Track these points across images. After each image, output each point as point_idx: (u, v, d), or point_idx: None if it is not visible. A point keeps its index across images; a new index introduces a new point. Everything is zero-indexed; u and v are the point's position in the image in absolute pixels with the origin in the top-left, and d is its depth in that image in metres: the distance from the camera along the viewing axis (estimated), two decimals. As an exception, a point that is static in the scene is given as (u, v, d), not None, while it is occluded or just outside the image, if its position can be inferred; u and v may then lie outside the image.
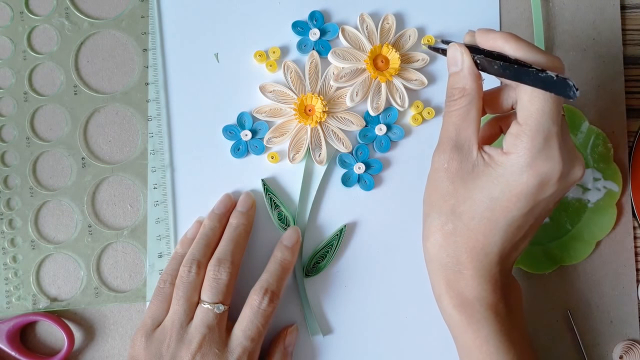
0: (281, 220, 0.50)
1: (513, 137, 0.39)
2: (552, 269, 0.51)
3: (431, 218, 0.42)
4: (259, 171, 0.50)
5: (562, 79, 0.36)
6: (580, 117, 0.51)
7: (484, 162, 0.40)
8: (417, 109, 0.51)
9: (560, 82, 0.37)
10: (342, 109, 0.50)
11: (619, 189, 0.51)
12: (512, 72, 0.38)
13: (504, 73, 0.39)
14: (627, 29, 0.53)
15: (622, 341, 0.50)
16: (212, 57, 0.51)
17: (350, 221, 0.50)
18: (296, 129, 0.50)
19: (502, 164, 0.39)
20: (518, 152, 0.38)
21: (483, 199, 0.40)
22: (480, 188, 0.40)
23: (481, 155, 0.40)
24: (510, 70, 0.38)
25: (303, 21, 0.51)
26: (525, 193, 0.39)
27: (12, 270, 0.49)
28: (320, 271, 0.50)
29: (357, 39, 0.51)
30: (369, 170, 0.50)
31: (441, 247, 0.41)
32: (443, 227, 0.41)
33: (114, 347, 0.49)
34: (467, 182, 0.40)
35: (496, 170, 0.39)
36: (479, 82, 0.41)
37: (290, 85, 0.50)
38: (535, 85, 0.37)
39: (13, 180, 0.50)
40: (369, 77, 0.50)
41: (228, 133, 0.50)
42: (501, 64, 0.39)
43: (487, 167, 0.40)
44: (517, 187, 0.39)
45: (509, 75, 0.38)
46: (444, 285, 0.41)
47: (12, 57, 0.50)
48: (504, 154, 0.39)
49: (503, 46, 0.39)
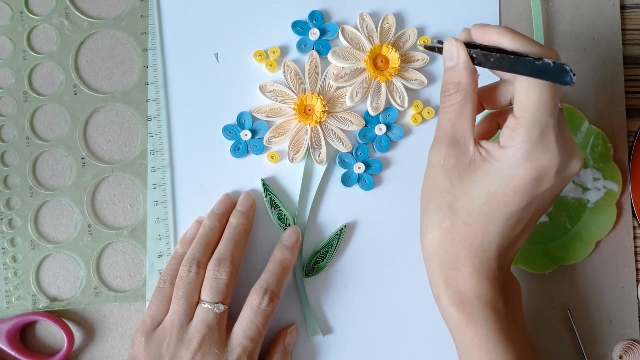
0: (281, 220, 0.50)
1: (510, 130, 0.39)
2: (552, 269, 0.51)
3: (428, 215, 0.42)
4: (259, 171, 0.50)
5: (560, 65, 0.36)
6: (581, 117, 0.51)
7: (481, 157, 0.40)
8: (417, 109, 0.51)
9: (558, 68, 0.37)
10: (342, 109, 0.50)
11: (619, 189, 0.51)
12: (508, 64, 0.38)
13: (500, 65, 0.39)
14: (627, 29, 0.53)
15: (622, 341, 0.50)
16: (212, 57, 0.51)
17: (350, 221, 0.50)
18: (296, 129, 0.50)
19: (499, 159, 0.39)
20: (515, 145, 0.38)
21: (480, 194, 0.39)
22: (477, 183, 0.40)
23: (478, 151, 0.40)
24: (507, 62, 0.38)
25: (303, 21, 0.51)
26: (523, 187, 0.39)
27: (12, 270, 0.49)
28: (320, 271, 0.50)
29: (357, 39, 0.51)
30: (369, 170, 0.50)
31: (439, 244, 0.41)
32: (441, 224, 0.41)
33: (114, 347, 0.49)
34: (464, 178, 0.40)
35: (493, 164, 0.39)
36: (475, 77, 0.41)
37: (290, 85, 0.50)
38: (532, 74, 0.37)
39: (13, 180, 0.50)
40: (369, 77, 0.50)
41: (228, 133, 0.50)
42: (498, 56, 0.38)
43: (484, 162, 0.40)
44: (515, 181, 0.39)
45: (506, 66, 0.38)
46: (443, 283, 0.41)
47: (12, 57, 0.50)
48: (501, 148, 0.39)
49: (499, 40, 0.39)
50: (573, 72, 0.36)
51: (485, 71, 0.42)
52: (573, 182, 0.51)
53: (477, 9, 0.52)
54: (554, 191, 0.40)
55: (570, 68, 0.36)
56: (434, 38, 0.52)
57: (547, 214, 0.51)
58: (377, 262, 0.50)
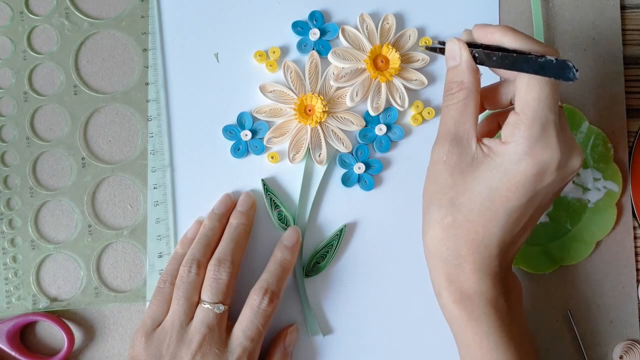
0: (281, 220, 0.50)
1: (511, 126, 0.39)
2: (552, 269, 0.51)
3: (430, 211, 0.42)
4: (259, 171, 0.50)
5: (562, 61, 0.37)
6: (581, 117, 0.51)
7: (482, 153, 0.40)
8: (417, 109, 0.51)
9: (560, 64, 0.37)
10: (342, 108, 0.50)
11: (619, 189, 0.51)
12: (510, 61, 0.38)
13: (502, 63, 0.39)
14: (627, 29, 0.53)
15: (622, 341, 0.50)
16: (212, 57, 0.51)
17: (350, 221, 0.50)
18: (296, 129, 0.50)
19: (500, 154, 0.39)
20: (516, 140, 0.38)
21: (482, 190, 0.40)
22: (479, 179, 0.40)
23: (480, 147, 0.40)
24: (509, 60, 0.38)
25: (303, 21, 0.51)
26: (524, 182, 0.39)
27: (12, 270, 0.49)
28: (320, 271, 0.50)
29: (357, 39, 0.51)
30: (369, 170, 0.50)
31: (441, 240, 0.41)
32: (442, 220, 0.41)
33: (114, 347, 0.49)
34: (466, 174, 0.40)
35: (495, 160, 0.39)
36: (477, 76, 0.41)
37: (290, 85, 0.50)
38: (535, 71, 0.37)
39: (13, 180, 0.50)
40: (369, 77, 0.50)
41: (228, 133, 0.50)
42: (500, 54, 0.39)
43: (486, 157, 0.40)
44: (516, 175, 0.39)
45: (508, 64, 0.38)
46: (444, 280, 0.41)
47: (12, 57, 0.50)
48: (502, 144, 0.39)
49: (501, 39, 0.39)
50: (576, 68, 0.36)
51: (486, 72, 0.42)
52: (573, 182, 0.51)
53: (476, 9, 0.52)
54: (555, 187, 0.41)
55: (572, 64, 0.36)
56: (434, 38, 0.52)
57: (547, 213, 0.51)
58: (377, 262, 0.50)
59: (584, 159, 0.50)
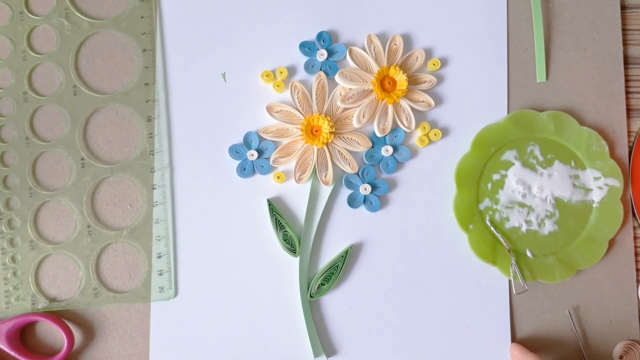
0: (286, 240, 0.49)
1: None
2: (571, 276, 0.50)
3: None
4: (264, 191, 0.50)
5: None
6: (572, 121, 0.51)
7: None
8: (424, 131, 0.51)
9: None
10: (349, 129, 0.50)
11: (620, 183, 0.51)
12: None
13: None
14: (627, 29, 0.53)
15: (622, 341, 0.50)
16: (219, 77, 0.51)
17: (356, 242, 0.50)
18: (302, 149, 0.50)
19: None
20: None
21: None
22: None
23: None
24: None
25: (310, 42, 0.51)
26: None
27: (11, 270, 0.49)
28: (324, 292, 0.49)
29: (364, 60, 0.51)
30: (375, 191, 0.50)
31: None
32: None
33: (114, 347, 0.49)
34: None
35: None
36: None
37: (297, 105, 0.50)
38: None
39: (12, 180, 0.50)
40: (376, 98, 0.50)
41: (234, 152, 0.50)
42: None
43: None
44: None
45: None
46: None
47: (12, 57, 0.50)
48: None
49: None
50: None
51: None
52: (574, 186, 0.51)
53: (483, 31, 0.52)
54: None
55: None
56: (441, 59, 0.51)
57: (555, 221, 0.51)
58: (382, 284, 0.50)
59: (580, 161, 0.50)
